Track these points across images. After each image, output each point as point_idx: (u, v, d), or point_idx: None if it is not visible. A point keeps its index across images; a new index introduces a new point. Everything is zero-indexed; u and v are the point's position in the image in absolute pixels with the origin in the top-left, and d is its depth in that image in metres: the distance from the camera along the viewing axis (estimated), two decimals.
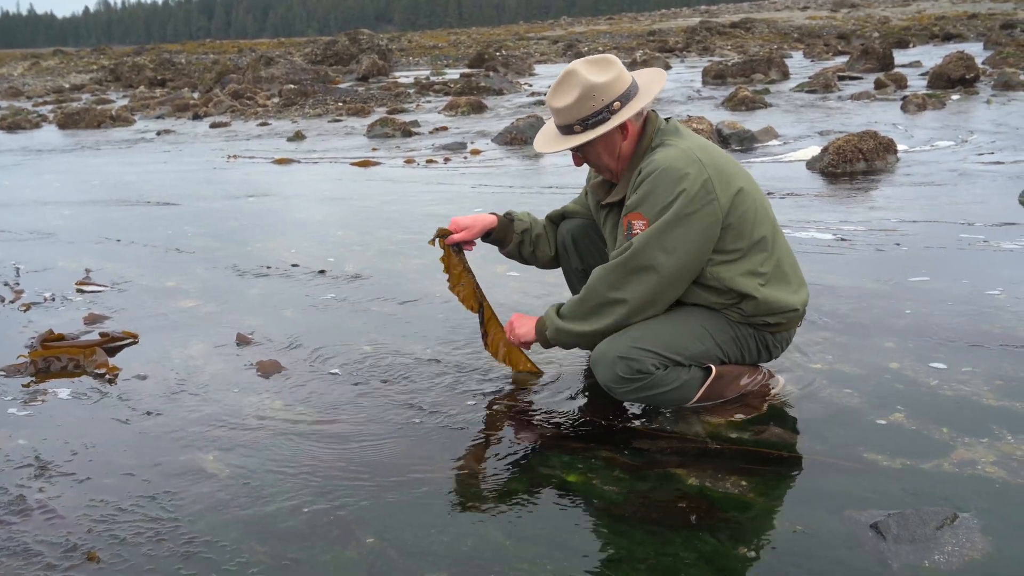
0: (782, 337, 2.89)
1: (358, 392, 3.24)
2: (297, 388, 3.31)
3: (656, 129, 2.80)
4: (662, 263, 2.62)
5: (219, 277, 5.10)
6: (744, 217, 2.69)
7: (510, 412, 3.01)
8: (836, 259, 4.77)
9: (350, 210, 7.09)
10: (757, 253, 2.73)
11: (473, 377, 3.32)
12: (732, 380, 2.88)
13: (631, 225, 2.68)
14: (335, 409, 3.10)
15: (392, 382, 3.32)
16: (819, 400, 2.95)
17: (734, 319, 2.78)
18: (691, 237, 2.61)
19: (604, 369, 2.74)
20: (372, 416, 3.02)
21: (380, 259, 5.35)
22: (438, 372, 3.39)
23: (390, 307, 4.35)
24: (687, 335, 2.76)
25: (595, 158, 2.84)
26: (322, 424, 2.98)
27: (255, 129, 14.37)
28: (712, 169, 2.65)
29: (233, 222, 6.81)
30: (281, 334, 3.96)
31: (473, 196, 7.38)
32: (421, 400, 3.13)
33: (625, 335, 2.76)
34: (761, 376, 2.97)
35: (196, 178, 9.37)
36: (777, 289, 2.76)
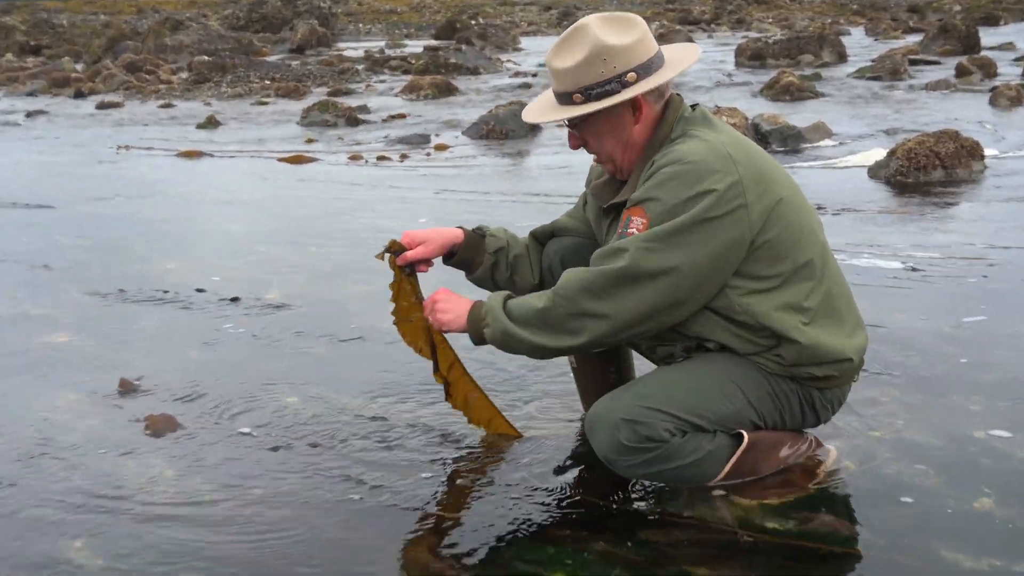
0: (833, 395, 2.89)
1: (278, 459, 3.20)
2: (197, 453, 3.27)
3: (679, 117, 2.81)
4: (663, 275, 2.61)
5: (100, 304, 5.04)
6: (785, 234, 2.69)
7: (477, 487, 2.97)
8: (905, 295, 4.79)
9: (276, 220, 7.07)
10: (801, 282, 2.73)
11: (430, 440, 3.29)
12: (769, 451, 2.87)
13: (629, 221, 2.68)
14: (247, 482, 3.05)
15: (324, 446, 3.29)
16: (882, 479, 2.94)
17: (771, 370, 2.77)
18: (707, 250, 2.60)
19: (603, 435, 2.72)
20: (296, 492, 2.98)
21: (313, 284, 5.31)
22: (384, 433, 3.36)
23: (324, 347, 4.31)
24: (711, 391, 2.74)
25: (597, 143, 2.86)
26: (229, 502, 2.93)
27: (156, 112, 14.34)
28: (746, 170, 2.65)
29: (122, 232, 6.76)
30: (178, 380, 3.92)
31: (437, 205, 7.38)
32: (362, 471, 3.09)
33: (630, 391, 2.75)
34: (806, 446, 2.96)
35: (76, 173, 9.32)
36: (826, 330, 2.76)
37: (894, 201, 7.07)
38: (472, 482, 3.01)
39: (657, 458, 2.70)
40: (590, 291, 2.66)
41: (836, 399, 2.92)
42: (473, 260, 3.19)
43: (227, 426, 3.48)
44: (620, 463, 2.73)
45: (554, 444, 3.25)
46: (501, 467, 3.10)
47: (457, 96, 15.22)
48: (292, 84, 16.52)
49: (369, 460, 3.17)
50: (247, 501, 2.93)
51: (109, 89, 17.08)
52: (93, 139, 11.75)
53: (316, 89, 16.70)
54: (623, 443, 2.69)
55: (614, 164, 2.88)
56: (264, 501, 2.93)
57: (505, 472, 3.06)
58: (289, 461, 3.18)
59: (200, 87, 17.11)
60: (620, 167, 2.87)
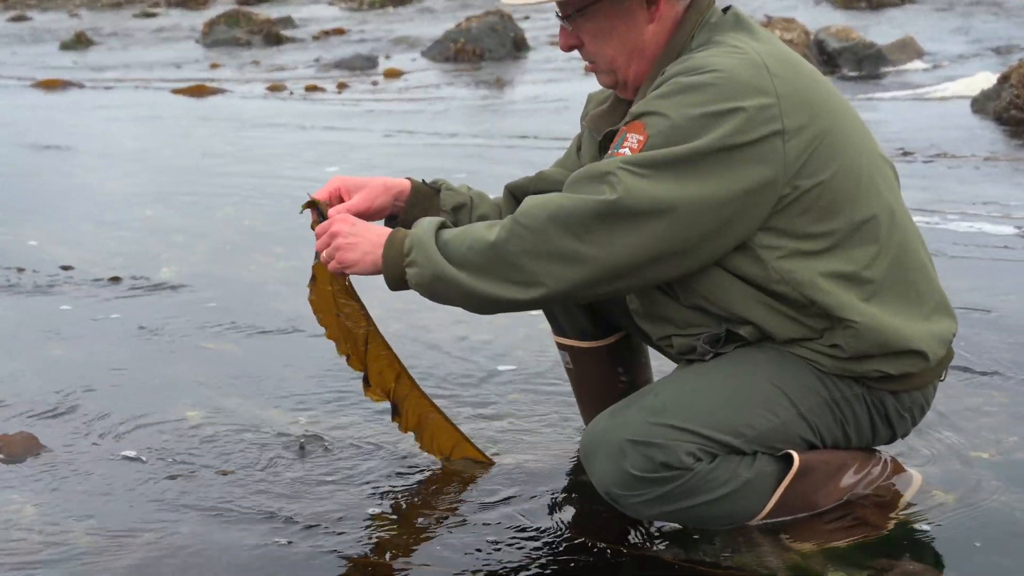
0: (912, 400, 2.90)
1: (176, 492, 3.22)
2: (67, 484, 3.28)
3: (703, 22, 2.83)
4: (661, 215, 2.61)
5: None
6: (838, 180, 2.70)
7: (445, 528, 2.99)
8: (1020, 270, 4.84)
9: (168, 174, 7.08)
10: (860, 245, 2.74)
11: (379, 465, 3.31)
12: (829, 478, 2.89)
13: (623, 139, 2.68)
14: (135, 523, 3.06)
15: (236, 474, 3.31)
16: (987, 514, 2.96)
17: (827, 368, 2.79)
18: (723, 188, 2.59)
19: (604, 464, 2.73)
20: (201, 535, 2.99)
21: (218, 259, 5.33)
22: (317, 457, 3.39)
23: (234, 342, 4.35)
24: (749, 400, 2.76)
25: (596, 45, 2.86)
26: (110, 550, 2.93)
27: (4, 27, 14.28)
28: (787, 88, 2.66)
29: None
30: (39, 388, 3.94)
31: (387, 152, 7.40)
32: (287, 506, 3.11)
33: (638, 402, 2.75)
34: (879, 469, 2.98)
35: None
36: (893, 310, 2.77)
37: (1006, 145, 7.08)
38: (437, 521, 3.03)
39: (677, 492, 2.71)
40: (563, 225, 2.63)
41: (917, 405, 2.92)
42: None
43: (106, 448, 3.49)
44: (628, 500, 2.73)
45: (543, 470, 3.28)
46: (474, 501, 3.11)
47: (414, 3, 15.21)
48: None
49: (298, 492, 3.18)
50: (135, 549, 2.93)
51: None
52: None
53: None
54: (631, 473, 2.68)
55: (614, 76, 2.90)
56: (158, 548, 2.93)
57: (480, 508, 3.08)
58: (191, 494, 3.19)
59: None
60: (623, 80, 2.89)
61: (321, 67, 10.84)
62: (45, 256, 5.41)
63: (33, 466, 3.40)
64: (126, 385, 3.96)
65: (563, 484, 3.22)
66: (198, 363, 4.15)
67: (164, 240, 5.66)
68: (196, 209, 6.22)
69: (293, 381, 3.95)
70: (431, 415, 3.28)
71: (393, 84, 9.98)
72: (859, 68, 9.41)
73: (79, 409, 3.78)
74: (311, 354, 4.15)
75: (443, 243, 2.71)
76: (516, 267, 2.65)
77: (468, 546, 2.92)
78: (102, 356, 4.25)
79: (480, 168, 6.82)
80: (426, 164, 6.98)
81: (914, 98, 8.49)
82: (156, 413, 3.73)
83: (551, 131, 7.72)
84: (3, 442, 3.51)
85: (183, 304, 4.76)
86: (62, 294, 4.91)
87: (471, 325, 4.35)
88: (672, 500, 2.71)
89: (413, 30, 12.82)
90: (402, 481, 3.24)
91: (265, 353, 4.23)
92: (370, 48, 11.74)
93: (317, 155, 7.35)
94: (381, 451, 3.41)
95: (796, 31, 9.43)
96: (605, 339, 3.31)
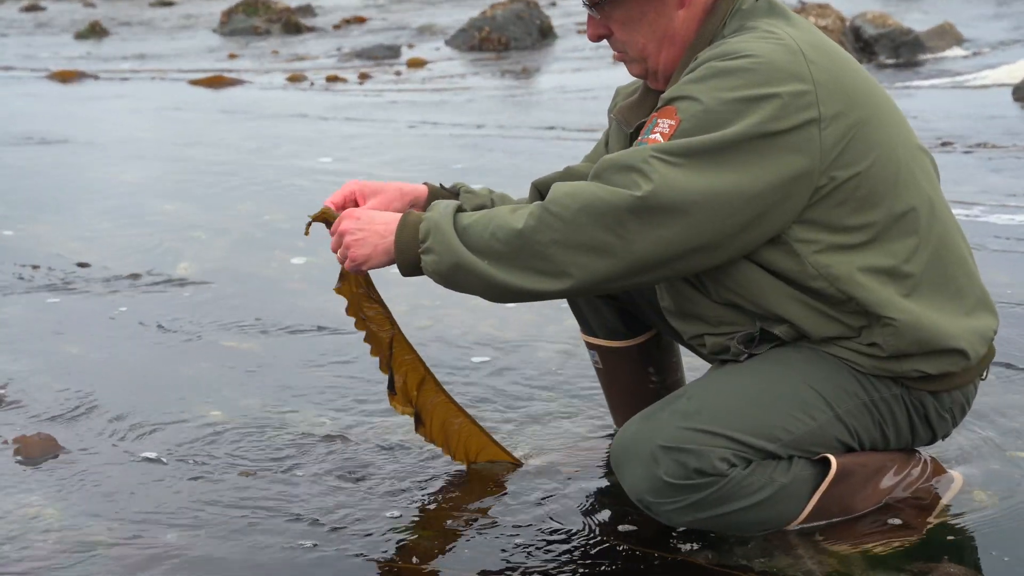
0: (952, 399, 2.89)
1: (198, 494, 3.22)
2: (87, 486, 3.28)
3: (735, 8, 2.82)
4: (693, 207, 2.60)
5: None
6: (877, 170, 2.68)
7: (475, 531, 2.99)
8: None
9: (187, 167, 7.08)
10: (899, 238, 2.72)
11: (406, 466, 3.31)
12: (867, 480, 2.88)
13: (654, 125, 2.66)
14: (156, 525, 3.06)
15: (260, 475, 3.31)
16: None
17: (864, 368, 2.77)
18: (758, 177, 2.57)
19: (636, 471, 2.72)
20: (224, 537, 2.99)
21: (238, 255, 5.33)
22: (342, 458, 3.38)
23: (256, 340, 4.34)
24: (784, 402, 2.74)
25: (625, 33, 2.85)
26: (133, 552, 2.93)
27: (17, 18, 14.33)
28: (824, 75, 2.64)
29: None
30: (58, 388, 3.95)
31: (412, 142, 7.39)
32: (312, 507, 3.11)
33: (671, 406, 2.74)
34: (919, 471, 2.97)
35: None
36: (934, 306, 2.75)
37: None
38: (465, 523, 3.02)
39: (712, 499, 2.70)
40: (596, 216, 2.60)
41: (957, 405, 2.91)
42: None
43: (126, 449, 3.49)
44: (661, 507, 2.73)
45: (573, 471, 3.27)
46: (504, 504, 3.11)
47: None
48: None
49: (324, 494, 3.18)
50: (158, 551, 2.93)
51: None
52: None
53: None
54: (664, 480, 2.67)
55: (644, 65, 2.88)
56: (181, 550, 2.93)
57: (510, 510, 3.08)
58: (214, 496, 3.19)
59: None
60: (654, 68, 2.87)
61: (342, 57, 10.84)
62: (61, 252, 5.42)
63: (52, 467, 3.41)
64: (145, 384, 3.97)
65: (594, 486, 3.21)
66: (218, 362, 4.16)
67: (182, 236, 5.66)
68: (215, 204, 6.23)
69: (316, 380, 3.95)
70: (456, 419, 3.26)
71: (416, 74, 9.98)
72: (896, 55, 9.37)
73: (97, 409, 3.79)
74: (334, 352, 4.17)
75: (462, 228, 2.68)
76: (544, 257, 2.62)
77: (497, 549, 2.91)
78: (120, 355, 4.26)
79: (505, 160, 6.83)
80: (450, 156, 6.98)
81: (953, 86, 8.46)
82: (176, 413, 3.74)
83: (578, 122, 7.72)
84: (21, 443, 3.52)
85: (202, 301, 4.76)
86: (79, 291, 4.93)
87: (501, 320, 4.34)
88: (706, 507, 2.70)
89: (437, 18, 12.81)
90: (429, 482, 3.24)
91: (287, 351, 4.24)
92: (393, 37, 11.75)
93: (339, 148, 7.35)
94: (407, 452, 3.41)
95: (831, 17, 9.40)
96: (635, 338, 3.30)
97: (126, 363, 4.17)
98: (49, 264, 5.27)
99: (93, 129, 8.25)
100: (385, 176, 6.69)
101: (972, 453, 3.25)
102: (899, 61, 9.24)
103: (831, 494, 2.80)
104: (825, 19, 9.28)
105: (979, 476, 3.13)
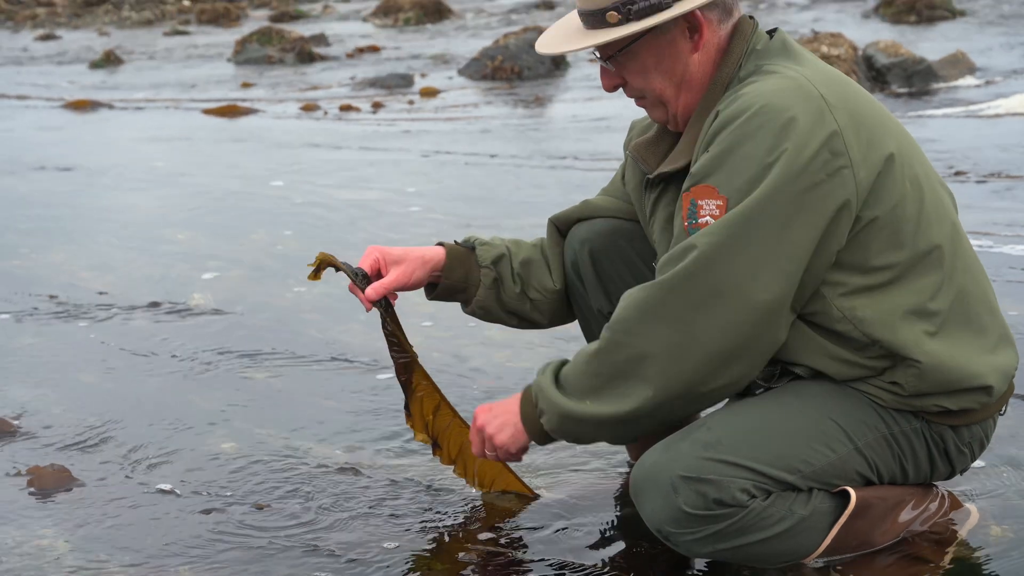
0: (972, 434, 2.88)
1: (212, 524, 3.22)
2: (99, 518, 3.28)
3: (749, 49, 2.82)
4: (753, 286, 2.61)
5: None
6: (902, 208, 2.68)
7: (492, 567, 2.98)
8: None
9: (201, 196, 7.10)
10: (924, 275, 2.72)
11: (417, 496, 3.32)
12: (886, 514, 2.87)
13: (695, 207, 2.67)
14: (169, 558, 3.06)
15: (273, 508, 3.31)
16: None
17: (885, 402, 2.78)
18: (802, 233, 2.60)
19: (655, 501, 2.71)
20: (237, 568, 2.99)
21: (254, 284, 5.34)
22: (357, 489, 3.38)
23: (271, 371, 4.35)
24: (805, 435, 2.74)
25: (641, 80, 2.85)
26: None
27: (33, 47, 14.40)
28: (845, 116, 2.64)
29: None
30: (72, 419, 3.95)
31: (426, 172, 7.40)
32: (328, 539, 3.11)
33: (690, 436, 2.72)
34: (936, 505, 2.97)
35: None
36: (959, 345, 2.75)
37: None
38: (481, 556, 3.02)
39: (731, 530, 2.69)
40: (655, 317, 2.64)
41: (976, 439, 2.90)
42: (466, 282, 3.19)
43: (140, 480, 3.50)
44: (680, 537, 2.72)
45: (588, 503, 3.27)
46: (519, 537, 3.11)
47: (451, 20, 15.26)
48: (220, 6, 16.60)
49: (339, 526, 3.19)
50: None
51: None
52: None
53: (254, 12, 16.76)
54: (684, 510, 2.67)
55: (665, 110, 2.88)
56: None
57: (525, 544, 3.08)
58: (228, 528, 3.19)
59: (93, 10, 17.18)
60: (674, 113, 2.87)
61: (356, 85, 10.87)
62: (75, 281, 5.44)
63: (65, 499, 3.41)
64: (159, 415, 3.97)
65: (608, 518, 3.21)
66: (233, 392, 4.16)
67: (196, 265, 5.68)
68: (228, 232, 6.24)
69: (330, 411, 3.96)
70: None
71: (429, 103, 10.00)
72: (909, 84, 9.37)
73: (111, 440, 3.79)
74: (349, 383, 4.17)
75: (562, 379, 2.77)
76: (624, 374, 2.68)
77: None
78: (134, 385, 4.27)
79: (520, 190, 6.83)
80: (464, 186, 6.98)
81: (966, 115, 8.45)
82: (190, 444, 3.74)
83: (592, 151, 7.72)
84: (34, 474, 3.52)
85: (217, 331, 4.77)
86: (93, 320, 4.94)
87: (514, 351, 4.35)
88: (726, 538, 2.70)
89: (449, 47, 12.85)
90: (443, 515, 3.24)
91: (301, 382, 4.24)
92: (405, 66, 11.78)
93: (352, 177, 7.36)
94: (420, 484, 3.40)
95: (844, 46, 9.40)
96: None
97: (140, 393, 4.18)
98: (64, 293, 5.28)
99: (107, 158, 8.28)
100: (401, 206, 6.71)
101: (989, 487, 3.25)
102: (912, 90, 9.24)
103: (850, 527, 2.79)
104: (838, 48, 9.28)
105: (995, 510, 3.12)
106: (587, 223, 3.21)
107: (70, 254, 5.91)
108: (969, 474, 3.10)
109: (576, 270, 3.19)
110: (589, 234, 3.18)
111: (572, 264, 3.20)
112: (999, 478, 3.30)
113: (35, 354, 4.61)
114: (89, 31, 15.53)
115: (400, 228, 6.30)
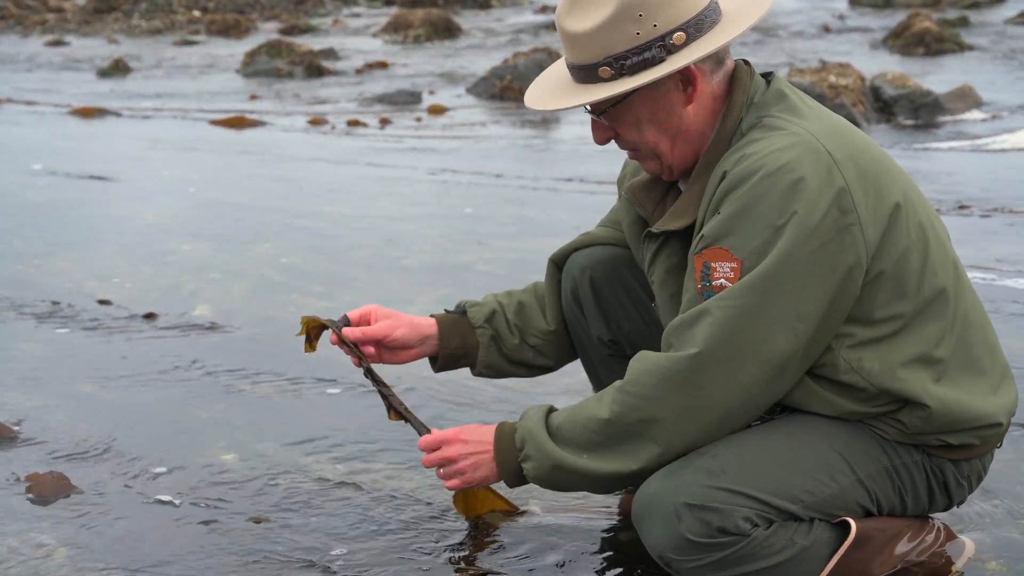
0: (971, 468, 2.90)
1: (209, 536, 3.24)
2: (98, 527, 3.30)
3: (748, 99, 2.81)
4: (767, 347, 2.64)
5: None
6: (908, 259, 2.70)
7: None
8: None
9: (206, 207, 7.11)
10: (929, 322, 2.74)
11: (415, 514, 3.32)
12: (884, 545, 2.87)
13: (708, 270, 2.68)
14: (167, 564, 3.08)
15: (272, 520, 3.32)
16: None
17: (888, 436, 2.80)
18: (815, 294, 2.62)
19: (659, 528, 2.72)
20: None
21: (256, 298, 5.35)
22: (355, 506, 3.40)
23: (272, 386, 4.38)
24: (808, 465, 2.75)
25: (635, 134, 2.84)
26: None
27: (41, 52, 14.40)
28: (851, 171, 2.66)
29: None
30: (72, 427, 3.97)
31: (432, 190, 7.41)
32: (324, 554, 3.12)
33: (694, 464, 2.73)
34: (932, 537, 2.97)
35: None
36: (963, 387, 2.77)
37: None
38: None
39: (733, 558, 2.70)
40: (671, 384, 2.66)
41: (975, 473, 2.92)
42: (465, 347, 3.21)
43: (138, 491, 3.51)
44: (682, 564, 2.72)
45: (584, 528, 3.28)
46: (516, 561, 3.12)
47: (460, 39, 15.28)
48: (231, 17, 16.63)
49: (336, 541, 3.19)
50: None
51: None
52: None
53: (264, 24, 16.78)
54: (687, 538, 2.68)
55: (659, 162, 2.86)
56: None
57: (522, 568, 3.08)
58: (226, 541, 3.20)
59: (103, 17, 17.21)
60: (669, 165, 2.86)
61: (364, 101, 10.89)
62: (79, 289, 5.44)
63: (63, 508, 3.42)
64: (159, 426, 3.99)
65: (604, 542, 3.21)
66: (233, 405, 4.18)
67: (200, 276, 5.68)
68: (233, 244, 6.25)
69: (330, 426, 3.97)
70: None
71: (437, 120, 10.01)
72: (915, 116, 9.38)
73: (111, 449, 3.81)
74: (349, 399, 4.18)
75: (555, 429, 2.77)
76: (638, 435, 2.70)
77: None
78: (135, 395, 4.28)
79: (525, 212, 6.83)
80: (468, 205, 6.98)
81: (972, 149, 8.45)
82: (189, 456, 3.75)
83: (598, 173, 7.71)
84: (33, 482, 3.54)
85: (219, 344, 4.79)
86: (95, 330, 4.95)
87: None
88: (727, 566, 2.71)
89: (458, 65, 12.87)
90: (441, 534, 3.25)
91: (302, 396, 4.26)
92: (414, 83, 11.80)
93: (357, 193, 7.36)
94: (419, 502, 3.42)
95: (852, 76, 9.41)
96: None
97: (141, 404, 4.19)
98: (67, 301, 5.29)
99: (113, 166, 8.28)
100: (406, 223, 6.72)
101: (984, 520, 3.26)
102: (918, 122, 9.25)
103: (849, 558, 2.79)
104: (846, 78, 9.29)
105: (990, 543, 3.13)
106: (586, 250, 3.22)
107: (73, 262, 5.92)
108: (964, 506, 3.12)
109: (576, 297, 3.21)
110: (590, 261, 3.19)
111: (572, 291, 3.21)
112: (995, 510, 3.31)
113: (37, 361, 4.63)
114: (99, 38, 15.55)
115: (403, 245, 6.32)
